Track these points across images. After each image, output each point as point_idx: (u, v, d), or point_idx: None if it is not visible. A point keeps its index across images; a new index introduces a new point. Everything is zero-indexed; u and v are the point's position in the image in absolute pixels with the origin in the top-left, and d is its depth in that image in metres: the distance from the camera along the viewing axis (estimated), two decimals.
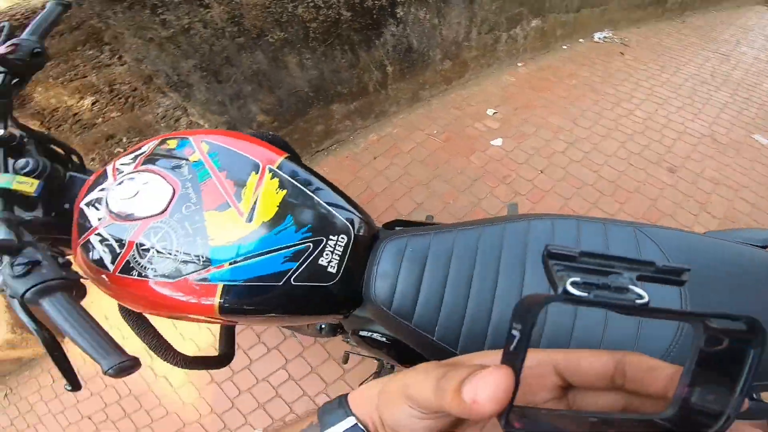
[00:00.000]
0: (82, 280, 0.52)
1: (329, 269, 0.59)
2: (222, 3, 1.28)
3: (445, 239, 0.64)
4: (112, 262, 0.56)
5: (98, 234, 0.58)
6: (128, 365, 0.42)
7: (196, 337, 1.62)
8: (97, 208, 0.59)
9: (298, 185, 0.61)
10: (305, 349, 1.52)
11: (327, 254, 0.59)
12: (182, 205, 0.56)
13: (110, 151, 1.39)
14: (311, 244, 0.58)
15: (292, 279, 0.56)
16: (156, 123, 1.42)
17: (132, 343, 0.66)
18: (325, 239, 0.59)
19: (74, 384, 0.50)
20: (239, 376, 1.52)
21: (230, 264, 0.55)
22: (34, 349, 1.71)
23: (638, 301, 0.15)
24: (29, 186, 0.58)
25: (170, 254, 0.55)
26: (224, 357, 0.74)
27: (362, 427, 0.23)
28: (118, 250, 0.56)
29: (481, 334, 0.60)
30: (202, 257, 0.55)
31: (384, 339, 0.73)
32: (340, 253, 0.60)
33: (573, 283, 0.15)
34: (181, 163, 0.60)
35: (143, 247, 0.55)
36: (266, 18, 1.39)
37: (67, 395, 1.65)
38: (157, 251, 0.55)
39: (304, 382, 1.47)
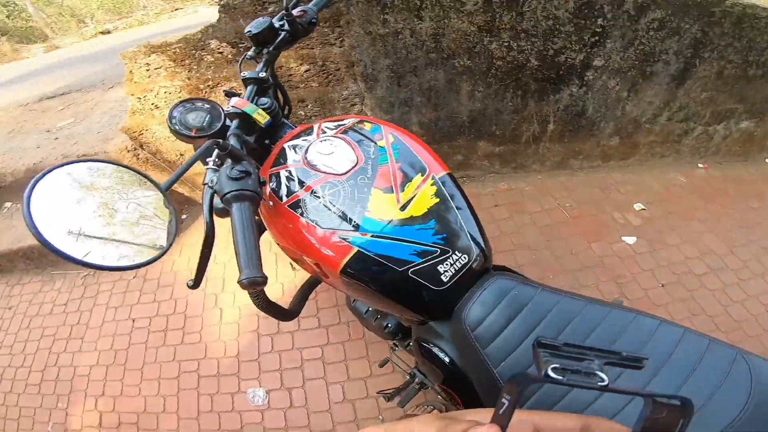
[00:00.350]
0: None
1: (442, 277, 0.65)
2: (433, 20, 1.43)
3: (549, 299, 0.67)
4: (287, 196, 0.70)
5: (288, 171, 0.73)
6: (259, 281, 0.49)
7: (269, 288, 1.76)
8: (296, 152, 0.75)
9: (450, 200, 0.69)
10: (349, 339, 1.56)
11: (447, 264, 0.65)
12: (359, 175, 0.69)
13: (294, 112, 1.69)
14: (439, 250, 0.65)
15: (410, 270, 0.65)
16: (337, 102, 1.67)
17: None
18: (451, 251, 0.66)
19: (197, 283, 0.59)
20: (280, 337, 1.60)
21: (372, 236, 0.65)
22: None
23: (600, 383, 0.20)
24: (262, 118, 0.77)
25: (332, 207, 0.68)
26: (292, 312, 0.83)
27: None
28: (295, 189, 0.70)
29: (533, 387, 0.63)
30: (354, 221, 0.66)
31: (443, 356, 0.76)
32: (456, 269, 0.66)
33: (553, 369, 0.20)
34: (370, 143, 0.73)
35: (315, 194, 0.69)
36: (461, 44, 1.51)
37: (132, 294, 1.83)
38: (324, 203, 0.68)
39: (331, 368, 1.51)
